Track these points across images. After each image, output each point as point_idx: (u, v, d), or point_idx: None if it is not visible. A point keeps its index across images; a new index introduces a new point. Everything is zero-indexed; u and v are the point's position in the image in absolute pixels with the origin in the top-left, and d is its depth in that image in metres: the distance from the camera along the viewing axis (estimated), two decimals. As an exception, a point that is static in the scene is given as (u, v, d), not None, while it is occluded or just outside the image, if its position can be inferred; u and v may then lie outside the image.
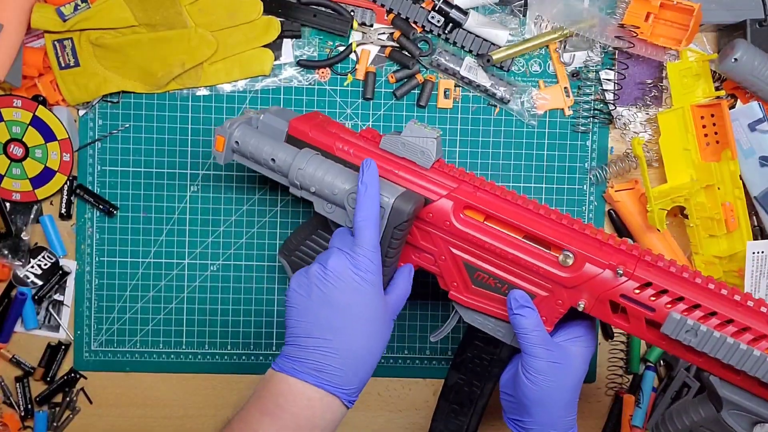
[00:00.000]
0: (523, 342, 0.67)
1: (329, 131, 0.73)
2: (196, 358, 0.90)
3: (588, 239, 0.67)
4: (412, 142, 0.69)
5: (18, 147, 0.84)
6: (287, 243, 0.78)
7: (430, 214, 0.69)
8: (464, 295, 0.71)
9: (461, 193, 0.69)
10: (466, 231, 0.68)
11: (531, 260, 0.67)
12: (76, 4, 0.81)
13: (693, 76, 0.85)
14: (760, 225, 0.87)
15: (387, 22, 0.86)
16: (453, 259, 0.70)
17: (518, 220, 0.68)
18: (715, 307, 0.63)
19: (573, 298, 0.67)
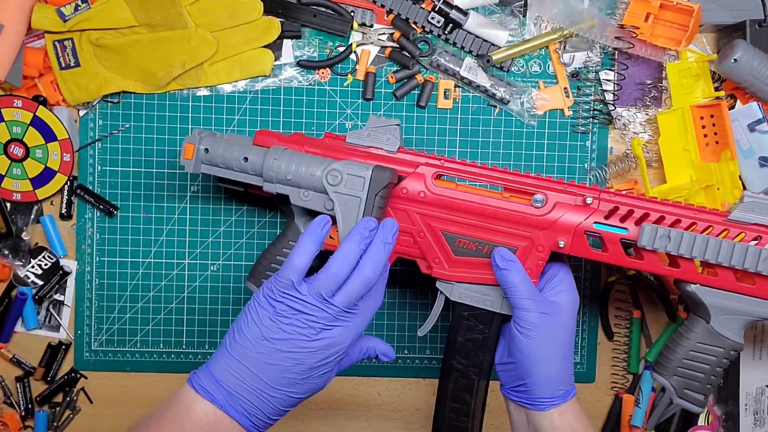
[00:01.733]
0: (512, 297, 0.69)
1: (294, 139, 0.76)
2: (196, 358, 0.90)
3: (554, 183, 0.73)
4: (377, 131, 0.75)
5: (18, 147, 0.85)
6: (255, 269, 0.78)
7: (404, 190, 0.72)
8: (448, 270, 0.73)
9: (430, 165, 0.73)
10: (442, 195, 0.72)
11: (507, 208, 0.71)
12: (77, 5, 0.81)
13: (692, 77, 0.85)
14: (760, 225, 0.87)
15: (387, 23, 0.86)
16: (432, 232, 0.73)
17: (487, 177, 0.73)
18: (677, 215, 0.70)
19: (552, 239, 0.71)
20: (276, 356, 0.60)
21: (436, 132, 0.88)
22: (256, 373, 0.60)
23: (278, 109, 0.87)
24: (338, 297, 0.61)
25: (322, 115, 0.87)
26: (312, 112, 0.87)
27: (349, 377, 0.91)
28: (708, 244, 0.68)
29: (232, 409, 0.60)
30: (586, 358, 0.91)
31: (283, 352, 0.60)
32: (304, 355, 0.60)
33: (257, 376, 0.60)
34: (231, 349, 0.61)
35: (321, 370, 0.62)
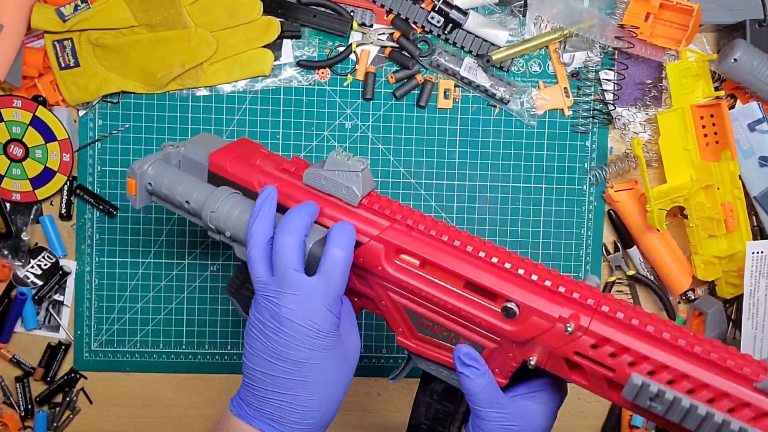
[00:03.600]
0: (470, 404, 0.60)
1: (251, 164, 0.66)
2: (196, 358, 0.90)
3: (536, 287, 0.58)
4: (335, 177, 0.62)
5: (18, 147, 0.84)
6: (233, 280, 0.73)
7: (360, 258, 0.61)
8: (411, 342, 0.64)
9: (392, 235, 0.61)
10: (400, 277, 0.60)
11: (472, 312, 0.59)
12: (76, 5, 0.81)
13: (692, 77, 0.85)
14: (760, 225, 0.87)
15: (387, 23, 0.86)
16: (393, 305, 0.63)
17: (456, 266, 0.59)
18: (686, 368, 0.52)
19: (524, 352, 0.59)
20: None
21: (435, 132, 0.88)
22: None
23: (278, 109, 0.87)
24: (276, 272, 0.57)
25: (321, 115, 0.87)
26: (312, 112, 0.87)
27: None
28: (710, 422, 0.50)
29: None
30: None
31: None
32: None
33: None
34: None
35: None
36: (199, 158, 0.67)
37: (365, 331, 0.91)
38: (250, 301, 0.71)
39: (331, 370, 0.58)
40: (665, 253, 0.88)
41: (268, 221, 0.58)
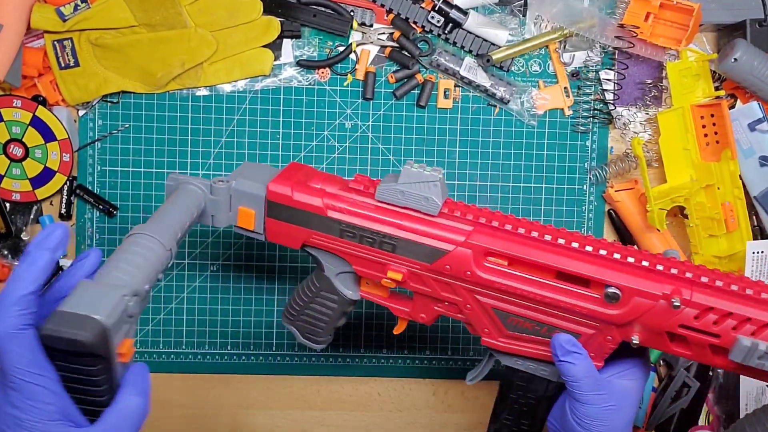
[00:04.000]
0: (573, 390, 0.60)
1: (314, 189, 0.64)
2: (196, 358, 0.90)
3: (632, 269, 0.59)
4: (412, 190, 0.62)
5: (18, 147, 0.84)
6: (289, 308, 0.73)
7: (447, 266, 0.61)
8: (499, 340, 0.64)
9: (479, 238, 0.61)
10: (492, 279, 0.61)
11: (572, 302, 0.60)
12: (76, 4, 0.81)
13: (693, 76, 0.85)
14: (760, 225, 0.87)
15: (387, 23, 0.86)
16: (481, 307, 0.63)
17: (548, 260, 0.60)
18: None
19: (624, 333, 0.60)
20: None
21: (436, 132, 0.88)
22: None
23: (278, 109, 0.87)
24: None
25: (321, 115, 0.87)
26: (312, 112, 0.87)
27: (350, 377, 0.91)
28: None
29: None
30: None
31: None
32: None
33: None
34: None
35: None
36: (255, 190, 0.64)
37: (365, 331, 0.91)
38: (310, 326, 0.72)
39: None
40: (665, 253, 0.88)
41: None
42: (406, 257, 0.63)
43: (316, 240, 0.65)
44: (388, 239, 0.63)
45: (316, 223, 0.64)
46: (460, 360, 0.91)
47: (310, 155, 0.88)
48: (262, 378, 0.91)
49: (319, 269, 0.69)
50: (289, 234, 0.66)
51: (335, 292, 0.69)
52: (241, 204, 0.65)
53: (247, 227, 0.66)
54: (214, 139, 0.87)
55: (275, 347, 0.90)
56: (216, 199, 0.65)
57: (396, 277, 0.64)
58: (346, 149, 0.88)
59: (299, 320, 0.72)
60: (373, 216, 0.63)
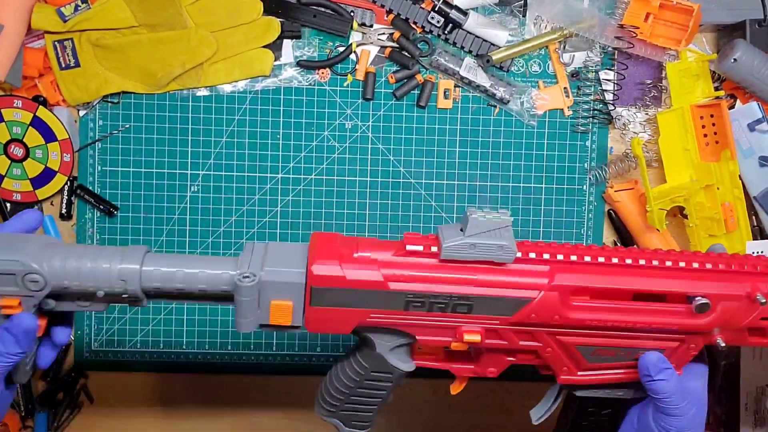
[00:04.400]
0: (665, 405, 0.61)
1: (366, 260, 0.56)
2: (196, 358, 0.90)
3: (712, 275, 0.60)
4: (484, 241, 0.55)
5: (18, 147, 0.85)
6: (327, 398, 0.64)
7: (532, 315, 0.57)
8: (577, 376, 0.62)
9: (562, 278, 0.57)
10: (583, 318, 0.58)
11: (663, 320, 0.59)
12: (77, 5, 0.81)
13: (692, 77, 0.85)
14: (760, 225, 0.87)
15: (387, 23, 0.86)
16: (563, 347, 0.60)
17: (633, 284, 0.58)
18: None
19: (707, 338, 0.61)
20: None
21: (436, 132, 0.88)
22: None
23: (278, 110, 0.87)
24: None
25: (322, 115, 0.87)
26: (312, 112, 0.87)
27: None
28: None
29: None
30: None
31: None
32: None
33: None
34: None
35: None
36: (292, 278, 0.54)
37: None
38: (358, 413, 0.64)
39: None
40: (665, 253, 0.88)
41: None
42: (483, 315, 0.57)
43: (374, 319, 0.57)
44: (464, 300, 0.56)
45: (376, 300, 0.56)
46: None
47: (310, 155, 0.88)
48: (262, 378, 0.91)
49: (368, 349, 0.61)
50: (340, 319, 0.57)
51: (389, 369, 0.61)
52: (274, 297, 0.55)
53: (282, 323, 0.56)
54: (214, 139, 0.87)
55: (275, 347, 0.90)
56: (244, 300, 0.54)
57: (474, 339, 0.57)
58: (346, 149, 0.88)
59: (343, 409, 0.64)
60: (444, 277, 0.56)
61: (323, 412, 0.65)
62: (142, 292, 0.54)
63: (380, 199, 0.89)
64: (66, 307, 0.55)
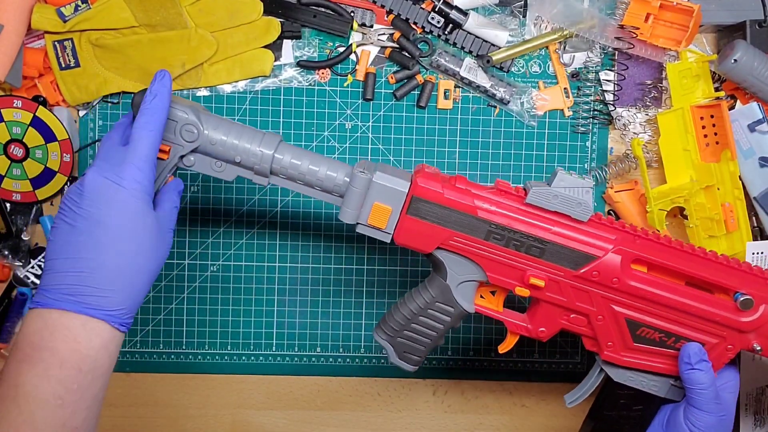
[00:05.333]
0: (696, 397, 0.64)
1: (462, 189, 0.63)
2: (196, 359, 0.90)
3: (757, 278, 0.64)
4: (567, 193, 0.62)
5: (18, 147, 0.84)
6: (389, 322, 0.68)
7: (595, 273, 0.62)
8: (621, 354, 0.65)
9: (628, 244, 0.63)
10: (639, 286, 0.63)
11: (709, 309, 0.63)
12: (77, 5, 0.81)
13: (692, 77, 0.85)
14: (760, 226, 0.87)
15: (387, 23, 0.86)
16: (613, 317, 0.64)
17: (686, 266, 0.63)
18: None
19: (745, 341, 0.64)
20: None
21: (436, 132, 0.88)
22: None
23: (278, 110, 0.87)
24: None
25: (322, 116, 0.87)
26: (312, 113, 0.87)
27: (350, 377, 0.92)
28: None
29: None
30: (586, 358, 0.91)
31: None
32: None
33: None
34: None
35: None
36: (398, 185, 0.63)
37: (365, 331, 0.91)
38: (412, 344, 0.69)
39: (143, 240, 0.57)
40: (665, 254, 0.88)
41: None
42: (552, 263, 0.63)
43: (456, 242, 0.63)
44: (538, 243, 0.62)
45: (463, 223, 0.62)
46: (460, 360, 0.91)
47: (310, 156, 0.88)
48: (262, 378, 0.91)
49: (439, 277, 0.66)
50: (427, 234, 0.63)
51: (452, 303, 0.66)
52: (378, 199, 0.62)
53: (377, 225, 0.63)
54: (214, 139, 0.87)
55: (275, 347, 0.90)
56: (354, 190, 0.63)
57: (539, 284, 0.63)
58: (347, 150, 0.88)
59: (401, 336, 0.68)
60: (525, 219, 0.63)
61: (381, 335, 0.69)
62: (269, 172, 0.64)
63: (380, 200, 0.89)
64: (200, 169, 0.64)
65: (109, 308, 0.55)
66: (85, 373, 0.53)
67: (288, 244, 0.89)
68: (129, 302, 0.56)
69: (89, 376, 0.53)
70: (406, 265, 0.90)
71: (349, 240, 0.89)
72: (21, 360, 0.53)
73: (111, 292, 0.55)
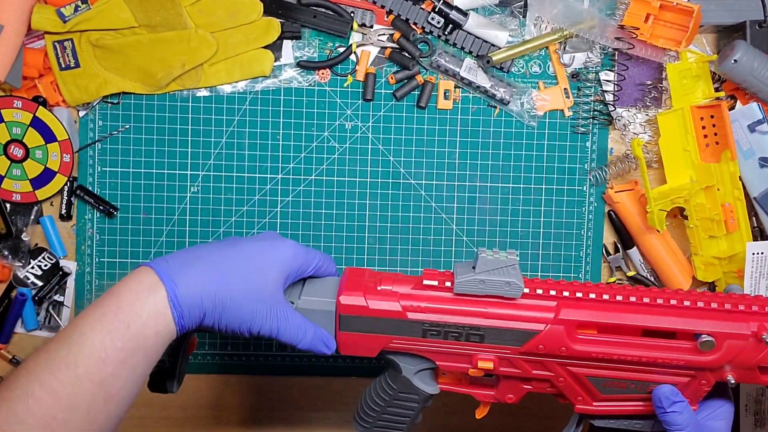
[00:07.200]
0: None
1: (388, 292, 0.63)
2: (196, 359, 0.90)
3: (719, 314, 0.62)
4: (492, 277, 0.61)
5: (18, 148, 0.84)
6: (362, 415, 0.70)
7: (540, 346, 0.62)
8: (593, 405, 0.65)
9: (568, 312, 0.61)
10: (588, 351, 0.62)
11: (670, 356, 0.62)
12: (77, 5, 0.81)
13: (693, 78, 0.85)
14: (760, 226, 0.87)
15: (387, 24, 0.86)
16: (574, 377, 0.64)
17: (639, 321, 0.61)
18: None
19: (718, 375, 0.63)
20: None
21: (436, 133, 0.88)
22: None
23: (278, 110, 0.87)
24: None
25: (322, 116, 0.87)
26: (312, 113, 0.87)
27: (350, 377, 0.91)
28: None
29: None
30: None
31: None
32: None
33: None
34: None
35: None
36: (324, 306, 0.63)
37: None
38: (390, 431, 0.70)
39: (261, 287, 0.59)
40: (665, 254, 0.88)
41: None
42: (495, 345, 0.63)
43: (396, 344, 0.64)
44: (475, 330, 0.62)
45: (396, 327, 0.63)
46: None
47: (310, 156, 0.88)
48: (262, 378, 0.91)
49: (395, 371, 0.67)
50: (366, 344, 0.64)
51: (415, 391, 0.67)
52: (316, 321, 0.63)
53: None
54: (214, 140, 0.87)
55: (275, 347, 0.90)
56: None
57: (487, 367, 0.63)
58: (346, 150, 0.88)
59: (376, 426, 0.70)
60: (457, 309, 0.62)
61: (358, 427, 0.71)
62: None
63: (380, 200, 0.89)
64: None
65: (182, 291, 0.56)
66: (131, 334, 0.54)
67: (288, 245, 0.89)
68: (198, 310, 0.57)
69: (133, 342, 0.54)
70: (406, 266, 0.90)
71: (349, 240, 0.89)
72: (93, 303, 0.55)
73: (198, 282, 0.57)
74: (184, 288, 0.56)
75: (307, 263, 0.63)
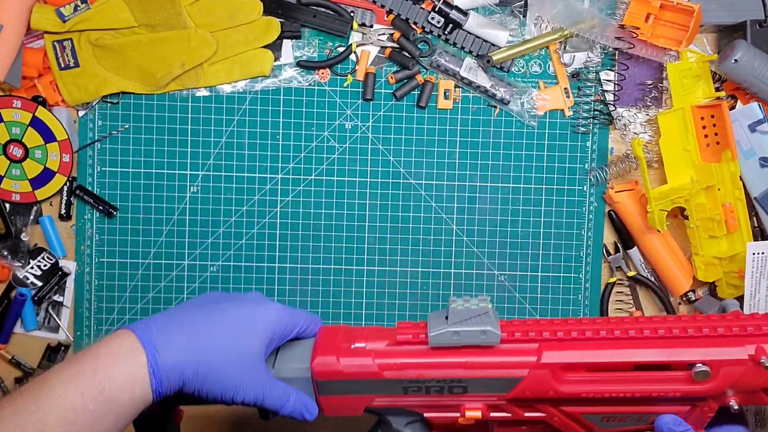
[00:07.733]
0: None
1: (362, 351, 0.60)
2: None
3: (711, 340, 0.58)
4: (466, 327, 0.58)
5: (18, 148, 0.84)
6: None
7: (526, 392, 0.58)
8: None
9: (550, 355, 0.58)
10: (577, 391, 0.59)
11: (664, 387, 0.58)
12: (76, 5, 0.81)
13: (693, 77, 0.85)
14: (761, 226, 0.87)
15: (387, 23, 0.86)
16: (569, 416, 0.61)
17: (626, 357, 0.58)
18: None
19: (720, 400, 0.59)
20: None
21: (436, 133, 0.88)
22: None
23: (278, 110, 0.87)
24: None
25: (321, 116, 0.87)
26: (312, 113, 0.87)
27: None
28: None
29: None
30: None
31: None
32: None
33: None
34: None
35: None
36: (299, 373, 0.60)
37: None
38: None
39: (245, 353, 0.58)
40: (666, 254, 0.88)
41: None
42: (480, 393, 0.60)
43: (379, 402, 0.61)
44: (457, 382, 0.59)
45: (375, 387, 0.60)
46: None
47: (310, 156, 0.88)
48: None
49: (386, 426, 0.64)
50: (349, 405, 0.61)
51: None
52: (297, 387, 0.61)
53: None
54: (214, 139, 0.87)
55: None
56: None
57: (475, 416, 0.60)
58: (346, 150, 0.88)
59: None
60: (435, 362, 0.59)
61: None
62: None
63: (380, 200, 0.89)
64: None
65: (163, 358, 0.54)
66: (104, 398, 0.52)
67: (288, 245, 0.89)
68: (178, 378, 0.55)
69: (105, 407, 0.52)
70: (406, 266, 0.89)
71: (348, 240, 0.89)
72: (67, 360, 0.54)
73: (179, 349, 0.55)
74: (165, 355, 0.54)
75: (292, 326, 0.61)
